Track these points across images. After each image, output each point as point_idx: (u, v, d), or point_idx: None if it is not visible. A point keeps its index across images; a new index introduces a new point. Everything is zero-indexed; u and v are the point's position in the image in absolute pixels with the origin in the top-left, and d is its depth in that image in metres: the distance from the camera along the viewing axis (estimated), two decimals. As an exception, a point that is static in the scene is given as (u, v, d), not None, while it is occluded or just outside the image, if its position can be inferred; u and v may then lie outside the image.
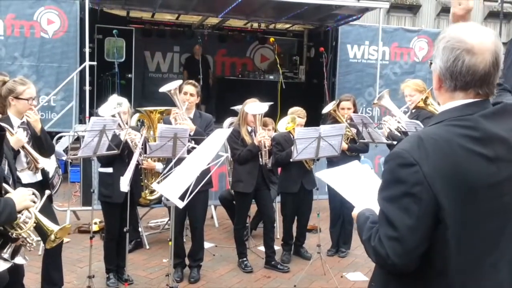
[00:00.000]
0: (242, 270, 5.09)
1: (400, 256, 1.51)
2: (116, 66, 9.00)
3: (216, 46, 12.22)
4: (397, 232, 1.51)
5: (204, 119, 4.88)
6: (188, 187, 2.78)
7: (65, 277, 4.72)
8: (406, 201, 1.51)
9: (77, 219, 6.36)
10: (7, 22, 8.26)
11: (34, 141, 3.63)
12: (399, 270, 1.55)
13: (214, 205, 6.73)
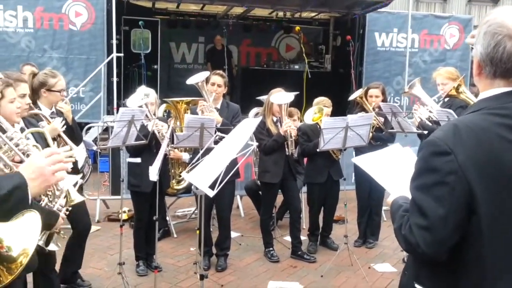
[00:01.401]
0: (268, 260, 5.10)
1: (430, 246, 1.49)
2: (143, 58, 9.08)
3: (241, 36, 12.19)
4: (428, 222, 1.49)
5: (231, 109, 4.89)
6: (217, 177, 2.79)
7: (95, 264, 4.88)
8: (438, 190, 1.49)
9: (107, 208, 6.48)
10: (36, 15, 8.41)
11: (66, 130, 3.70)
12: (429, 259, 1.55)
13: (240, 195, 6.76)
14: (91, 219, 6.08)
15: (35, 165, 1.62)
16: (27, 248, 1.03)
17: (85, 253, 5.09)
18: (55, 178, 1.66)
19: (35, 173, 1.60)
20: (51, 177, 1.64)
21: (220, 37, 10.88)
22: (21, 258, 1.00)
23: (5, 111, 2.53)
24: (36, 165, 1.61)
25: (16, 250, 1.00)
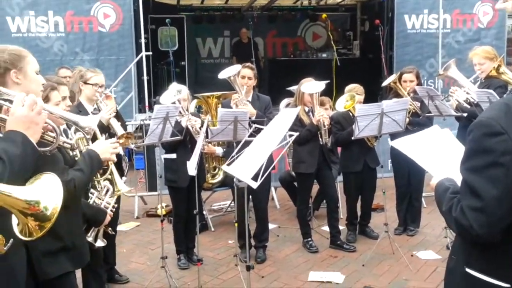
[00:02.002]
0: (307, 250, 5.09)
1: (484, 227, 1.47)
2: (171, 55, 9.15)
3: (266, 27, 12.15)
4: (482, 203, 1.47)
5: (262, 101, 4.88)
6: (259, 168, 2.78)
7: (137, 259, 4.99)
8: (493, 171, 1.46)
9: (145, 204, 6.60)
10: (66, 19, 8.57)
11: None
12: (482, 240, 1.52)
13: (274, 186, 6.74)
14: (130, 216, 6.30)
15: (20, 118, 1.70)
16: (57, 206, 1.20)
17: (127, 248, 5.25)
18: (42, 118, 1.76)
19: (25, 123, 1.70)
20: (39, 119, 1.75)
21: (245, 30, 10.86)
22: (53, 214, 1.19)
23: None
24: (21, 117, 1.70)
25: (50, 209, 1.18)
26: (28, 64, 2.09)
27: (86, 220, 2.59)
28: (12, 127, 1.69)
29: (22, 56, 2.08)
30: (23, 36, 8.32)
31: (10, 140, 1.64)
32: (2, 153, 1.57)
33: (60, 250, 2.18)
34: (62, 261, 2.19)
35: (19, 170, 1.59)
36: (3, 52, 2.07)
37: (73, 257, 2.25)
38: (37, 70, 2.13)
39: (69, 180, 2.14)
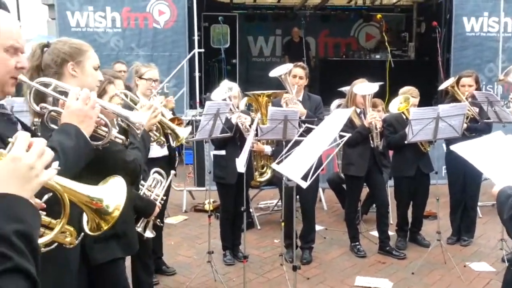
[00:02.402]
0: (354, 254, 4.99)
1: None
2: (223, 52, 9.23)
3: (319, 27, 12.03)
4: None
5: (313, 101, 4.82)
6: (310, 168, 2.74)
7: (185, 252, 5.06)
8: None
9: (193, 199, 6.69)
10: (123, 15, 8.82)
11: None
12: None
13: (322, 188, 6.66)
14: (179, 209, 6.41)
15: (75, 111, 1.74)
16: (119, 204, 1.30)
17: (175, 241, 5.34)
18: (95, 112, 1.78)
19: (80, 117, 1.74)
20: (93, 113, 1.77)
21: (297, 29, 10.79)
22: (115, 212, 1.29)
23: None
24: (75, 110, 1.74)
25: (112, 206, 1.28)
26: (88, 58, 2.14)
27: (136, 211, 2.65)
28: (67, 120, 1.73)
29: (82, 50, 2.14)
30: (81, 30, 8.63)
31: (65, 133, 1.69)
32: (56, 145, 1.61)
33: (111, 237, 2.24)
34: (113, 248, 2.26)
35: (73, 162, 1.64)
36: (65, 44, 2.14)
37: (123, 244, 2.31)
38: (95, 66, 2.17)
39: (133, 160, 2.20)
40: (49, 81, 1.90)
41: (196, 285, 4.28)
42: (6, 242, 0.98)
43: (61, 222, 1.24)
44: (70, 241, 1.33)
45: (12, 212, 1.02)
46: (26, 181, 1.07)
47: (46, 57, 2.10)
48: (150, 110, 2.41)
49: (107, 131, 1.88)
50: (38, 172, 1.10)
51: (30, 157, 1.09)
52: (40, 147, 1.12)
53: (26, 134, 1.12)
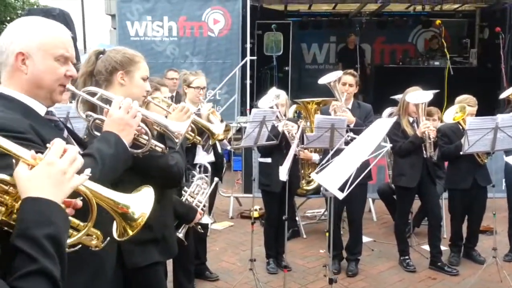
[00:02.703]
0: (403, 269, 4.81)
1: None
2: (274, 60, 9.25)
3: (375, 33, 11.81)
4: None
5: (363, 109, 4.72)
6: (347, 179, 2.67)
7: (228, 258, 5.08)
8: None
9: (240, 205, 6.72)
10: (179, 24, 9.08)
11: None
12: None
13: (372, 198, 6.49)
14: (225, 215, 6.46)
15: (116, 120, 1.79)
16: (145, 213, 1.34)
17: (219, 247, 5.38)
18: (136, 121, 1.83)
19: (120, 125, 1.79)
20: (133, 122, 1.82)
21: (354, 37, 10.63)
22: (140, 219, 1.33)
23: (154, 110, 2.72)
24: (117, 119, 1.79)
25: (137, 214, 1.33)
26: (137, 69, 2.21)
27: (177, 217, 2.68)
28: (108, 128, 1.79)
29: (134, 61, 2.21)
30: (140, 39, 8.97)
31: (105, 140, 1.74)
32: (95, 152, 1.67)
33: (150, 241, 2.27)
34: (151, 252, 2.28)
35: (110, 169, 1.68)
36: (118, 52, 2.22)
37: (162, 248, 2.33)
38: (144, 77, 2.24)
39: (175, 164, 2.25)
40: (95, 90, 1.98)
41: (238, 292, 4.29)
42: (35, 244, 1.03)
43: (88, 225, 1.29)
44: (96, 244, 1.36)
45: (43, 216, 1.08)
46: (58, 185, 1.13)
47: (99, 64, 2.19)
48: (182, 112, 2.43)
49: (147, 139, 1.93)
50: (70, 177, 1.15)
51: (63, 163, 1.15)
52: (73, 154, 1.19)
53: (60, 141, 1.18)
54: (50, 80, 1.67)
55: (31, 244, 1.02)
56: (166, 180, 2.27)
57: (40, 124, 1.63)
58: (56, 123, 1.77)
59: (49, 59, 1.65)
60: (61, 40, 1.69)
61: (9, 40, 1.63)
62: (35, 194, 1.08)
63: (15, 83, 1.65)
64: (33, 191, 1.08)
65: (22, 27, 1.66)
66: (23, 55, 1.62)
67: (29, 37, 1.63)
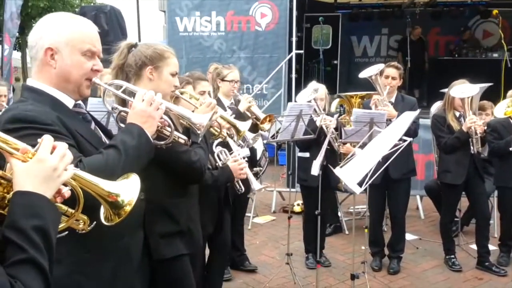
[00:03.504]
0: (448, 268, 4.66)
1: None
2: (321, 53, 9.15)
3: (429, 24, 11.36)
4: None
5: (407, 103, 4.58)
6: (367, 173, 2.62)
7: (268, 252, 5.12)
8: None
9: (282, 200, 6.72)
10: (227, 19, 9.16)
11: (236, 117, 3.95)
12: None
13: (420, 195, 6.31)
14: (268, 209, 6.50)
15: (139, 112, 1.83)
16: (131, 200, 1.36)
17: (260, 241, 5.43)
18: (158, 113, 1.86)
19: (143, 117, 1.82)
20: (156, 114, 1.85)
21: (420, 29, 10.31)
22: (127, 207, 1.36)
23: (182, 105, 2.78)
24: (139, 111, 1.82)
25: (125, 201, 1.36)
26: (167, 65, 2.25)
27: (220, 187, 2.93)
28: (132, 120, 1.82)
29: (163, 57, 2.25)
30: (188, 35, 9.13)
31: (128, 132, 1.78)
32: (119, 144, 1.72)
33: (176, 233, 2.32)
34: (177, 244, 2.32)
35: (133, 159, 1.73)
36: (149, 48, 2.26)
37: (187, 241, 2.37)
38: (173, 72, 2.28)
39: (198, 159, 2.28)
40: (121, 83, 2.03)
41: (274, 286, 4.30)
42: (23, 235, 1.09)
43: (75, 213, 1.35)
44: (82, 228, 1.42)
45: (32, 209, 1.13)
46: (49, 181, 1.17)
47: (130, 57, 2.24)
48: (209, 107, 2.47)
49: (170, 131, 1.95)
50: (60, 173, 1.20)
51: (53, 160, 1.19)
52: (62, 150, 1.23)
53: (50, 138, 1.22)
54: (78, 75, 1.74)
55: (19, 235, 1.08)
56: (189, 175, 2.30)
57: (67, 116, 1.71)
58: (83, 115, 1.85)
59: (77, 54, 1.73)
60: (88, 35, 1.76)
61: (39, 35, 1.72)
62: (26, 188, 1.14)
63: (44, 77, 1.73)
64: (24, 186, 1.14)
65: (50, 23, 1.73)
66: (52, 50, 1.70)
67: (58, 33, 1.71)
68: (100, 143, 1.79)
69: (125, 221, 1.73)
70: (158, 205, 2.24)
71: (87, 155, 1.66)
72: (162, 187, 2.26)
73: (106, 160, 1.65)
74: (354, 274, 3.36)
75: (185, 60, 8.99)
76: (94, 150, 1.72)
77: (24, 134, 1.51)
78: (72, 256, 1.69)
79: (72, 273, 1.70)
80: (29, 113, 1.60)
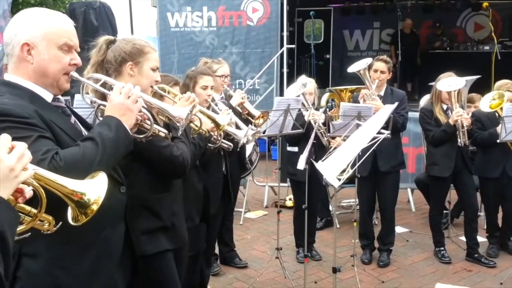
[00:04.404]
0: (438, 260, 4.71)
1: None
2: (312, 48, 9.14)
3: (421, 18, 11.38)
4: None
5: (396, 96, 4.60)
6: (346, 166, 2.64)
7: (260, 247, 5.14)
8: None
9: (275, 194, 6.74)
10: (219, 14, 9.14)
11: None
12: None
13: (410, 188, 6.35)
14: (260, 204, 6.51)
15: (116, 104, 1.82)
16: (98, 199, 1.36)
17: (251, 236, 5.45)
18: (137, 106, 1.85)
19: (121, 110, 1.81)
20: (134, 106, 1.85)
21: (411, 21, 10.32)
22: (94, 206, 1.35)
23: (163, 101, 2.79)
24: (117, 104, 1.82)
25: (92, 200, 1.35)
26: (147, 60, 2.24)
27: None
28: (109, 112, 1.82)
29: (143, 52, 2.24)
30: (180, 30, 9.11)
31: (105, 124, 1.77)
32: (96, 136, 1.71)
33: (159, 229, 2.30)
34: (160, 240, 2.30)
35: (110, 152, 1.72)
36: (128, 43, 2.25)
37: (171, 236, 2.35)
38: (153, 67, 2.27)
39: (180, 154, 2.27)
40: (99, 77, 2.03)
41: (265, 280, 4.33)
42: None
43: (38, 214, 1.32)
44: (47, 228, 1.40)
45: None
46: (5, 181, 1.14)
47: (109, 53, 2.23)
48: (187, 101, 2.46)
49: (150, 124, 1.95)
50: (17, 174, 1.17)
51: (11, 159, 1.16)
52: (21, 150, 1.20)
53: (7, 137, 1.20)
54: (55, 69, 1.75)
55: None
56: (172, 170, 2.29)
57: (45, 109, 1.70)
58: (63, 109, 1.85)
59: (53, 48, 1.73)
60: (64, 29, 1.76)
61: (14, 32, 1.72)
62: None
63: (21, 73, 1.74)
64: None
65: (26, 19, 1.73)
66: (28, 46, 1.71)
67: (33, 28, 1.71)
68: (79, 137, 1.77)
69: (105, 214, 1.69)
70: (141, 200, 2.22)
71: (65, 148, 1.66)
72: (144, 182, 2.25)
73: (83, 152, 1.64)
74: (336, 267, 3.37)
75: (177, 56, 8.98)
76: (73, 143, 1.71)
77: (0, 127, 1.51)
78: (51, 251, 1.68)
79: (50, 267, 1.69)
80: (5, 106, 1.60)
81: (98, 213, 1.40)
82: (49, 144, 1.62)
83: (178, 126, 2.05)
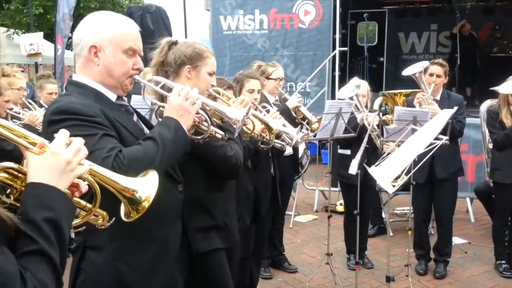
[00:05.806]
0: (499, 274, 4.46)
1: None
2: (365, 50, 8.93)
3: (481, 20, 10.85)
4: None
5: (453, 101, 4.40)
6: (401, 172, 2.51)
7: (309, 251, 5.07)
8: None
9: (325, 199, 6.63)
10: (270, 17, 9.11)
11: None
12: None
13: (470, 197, 6.05)
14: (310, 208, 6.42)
15: (175, 106, 1.86)
16: (149, 197, 1.36)
17: (301, 240, 5.38)
18: (194, 107, 1.89)
19: (180, 111, 1.85)
20: (192, 108, 1.88)
21: (469, 25, 9.92)
22: (145, 203, 1.35)
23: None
24: (176, 105, 1.85)
25: (143, 197, 1.35)
26: (205, 65, 2.29)
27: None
28: (168, 113, 1.87)
29: (202, 56, 2.29)
30: (232, 33, 9.15)
31: (165, 125, 1.81)
32: (157, 136, 1.76)
33: (212, 227, 2.34)
34: (213, 238, 2.34)
35: (170, 152, 1.76)
36: (189, 47, 2.30)
37: (224, 236, 2.39)
38: (211, 72, 2.31)
39: (234, 154, 2.30)
40: (159, 80, 2.09)
41: (315, 286, 4.24)
42: (34, 227, 1.10)
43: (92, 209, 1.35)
44: (102, 223, 1.42)
45: (43, 201, 1.13)
46: (62, 174, 1.17)
47: (169, 55, 2.29)
48: (241, 104, 2.46)
49: (207, 125, 1.98)
50: (73, 167, 1.20)
51: (68, 153, 1.19)
52: (77, 145, 1.23)
53: (65, 132, 1.23)
54: (119, 72, 1.81)
55: (30, 226, 1.09)
56: (225, 170, 2.32)
57: (110, 108, 1.78)
58: (126, 108, 1.92)
59: (119, 52, 1.79)
60: (129, 33, 1.82)
61: (83, 33, 1.79)
62: (38, 180, 1.15)
63: (88, 73, 1.81)
64: (36, 178, 1.15)
65: (94, 22, 1.81)
66: (95, 48, 1.78)
67: (101, 31, 1.77)
68: (141, 135, 1.84)
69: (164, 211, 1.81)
70: (196, 199, 2.27)
71: (129, 146, 1.72)
72: (200, 181, 2.30)
73: (144, 151, 1.70)
74: (390, 276, 3.23)
75: (229, 59, 9.04)
76: (135, 141, 1.78)
77: (68, 125, 1.57)
78: (113, 244, 1.75)
79: (114, 260, 1.76)
80: (73, 105, 1.68)
81: (158, 209, 1.43)
82: (114, 142, 1.69)
83: (234, 128, 2.05)
